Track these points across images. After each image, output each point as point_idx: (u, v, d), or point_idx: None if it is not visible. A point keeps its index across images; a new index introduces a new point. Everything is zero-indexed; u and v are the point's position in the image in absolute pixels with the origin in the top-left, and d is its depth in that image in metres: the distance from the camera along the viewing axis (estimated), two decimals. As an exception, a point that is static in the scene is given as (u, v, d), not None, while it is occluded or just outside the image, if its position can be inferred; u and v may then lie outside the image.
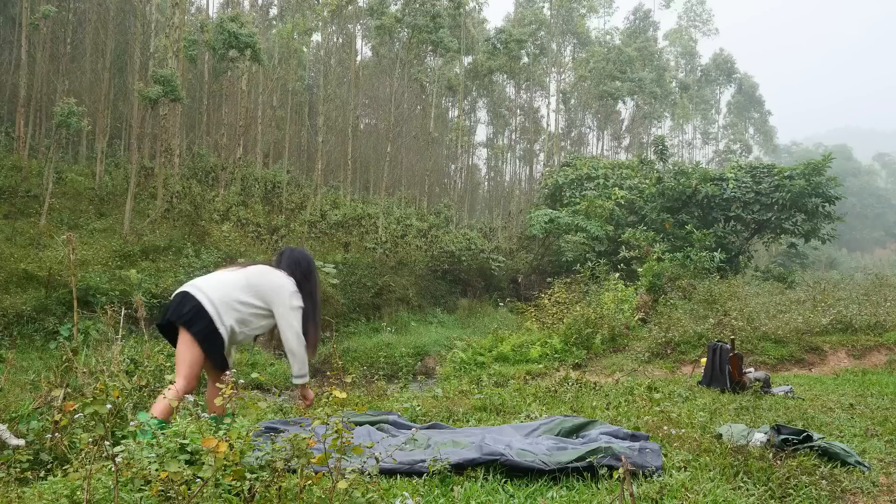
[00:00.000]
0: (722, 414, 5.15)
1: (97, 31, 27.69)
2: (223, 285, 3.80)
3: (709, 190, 20.14)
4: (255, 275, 3.92)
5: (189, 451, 2.82)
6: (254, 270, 3.94)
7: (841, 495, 3.24)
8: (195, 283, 3.80)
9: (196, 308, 3.65)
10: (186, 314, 3.64)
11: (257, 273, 3.94)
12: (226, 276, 3.90)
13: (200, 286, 3.76)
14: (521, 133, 47.60)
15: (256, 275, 3.92)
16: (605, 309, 13.27)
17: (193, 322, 3.64)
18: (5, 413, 4.50)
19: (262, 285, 3.88)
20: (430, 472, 3.24)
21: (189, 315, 3.64)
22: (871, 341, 10.22)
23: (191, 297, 3.68)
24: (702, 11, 57.03)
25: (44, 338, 12.41)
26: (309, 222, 24.98)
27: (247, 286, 3.85)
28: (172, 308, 3.71)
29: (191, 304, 3.66)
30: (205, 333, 3.67)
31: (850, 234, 60.88)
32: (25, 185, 19.75)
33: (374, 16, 32.01)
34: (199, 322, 3.64)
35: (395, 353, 16.28)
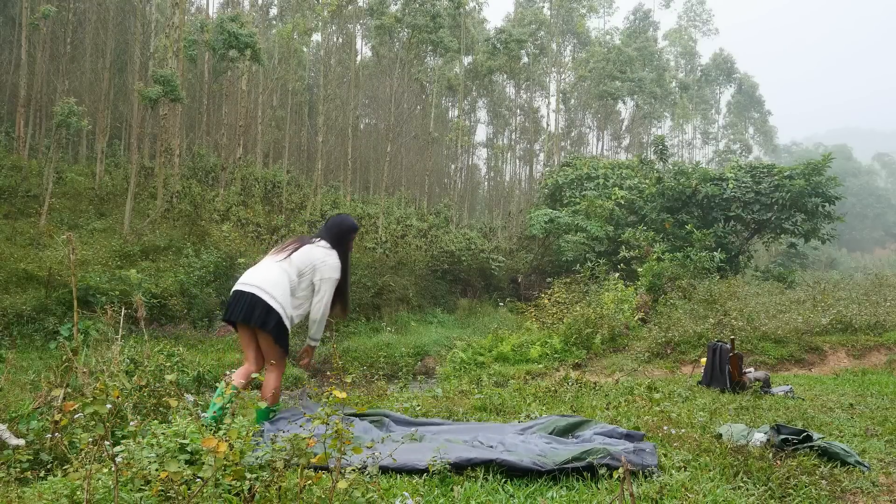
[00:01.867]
0: (722, 414, 5.15)
1: (97, 31, 27.69)
2: (281, 282, 4.17)
3: (709, 190, 20.14)
4: (301, 261, 4.28)
5: (189, 450, 2.82)
6: (298, 257, 4.29)
7: (841, 495, 3.24)
8: (259, 285, 4.14)
9: (266, 309, 4.05)
10: (259, 317, 4.05)
11: (302, 259, 4.29)
12: (279, 271, 4.22)
13: (264, 286, 4.12)
14: (521, 133, 47.60)
15: (302, 260, 4.28)
16: (604, 309, 13.27)
17: (267, 322, 4.05)
18: (5, 413, 4.50)
19: (308, 268, 4.27)
20: (429, 471, 3.24)
21: (262, 318, 4.05)
22: (871, 341, 10.22)
23: (259, 300, 4.06)
24: (702, 11, 57.05)
25: (44, 338, 12.40)
26: (309, 222, 24.97)
27: (298, 275, 4.25)
28: (242, 310, 4.08)
29: (261, 307, 4.05)
30: (278, 329, 4.09)
31: (850, 234, 60.91)
32: (25, 185, 19.75)
33: (374, 16, 32.02)
34: (270, 321, 4.05)
35: (395, 353, 16.28)
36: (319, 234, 4.51)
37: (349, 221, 4.58)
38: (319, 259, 4.29)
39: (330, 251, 4.35)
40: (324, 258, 4.30)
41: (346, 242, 4.49)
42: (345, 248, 4.48)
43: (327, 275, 4.28)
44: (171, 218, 20.26)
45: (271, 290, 4.10)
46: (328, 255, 4.33)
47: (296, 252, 4.31)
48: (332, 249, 4.37)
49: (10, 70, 26.63)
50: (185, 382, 9.24)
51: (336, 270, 4.32)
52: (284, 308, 4.11)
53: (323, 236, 4.44)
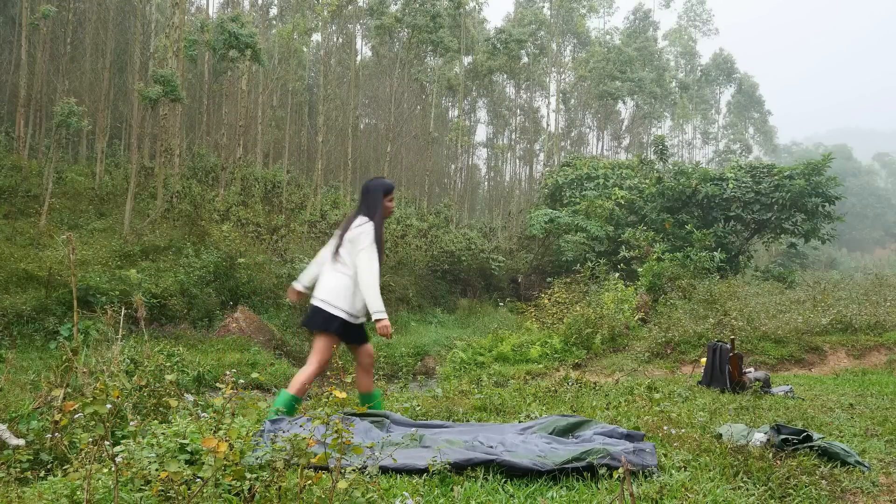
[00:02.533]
0: (722, 414, 5.15)
1: (97, 31, 27.69)
2: (338, 286, 4.35)
3: (709, 190, 20.14)
4: (348, 254, 4.39)
5: (189, 450, 2.83)
6: (344, 252, 4.41)
7: (841, 495, 3.24)
8: (322, 297, 4.36)
9: (328, 317, 4.30)
10: (323, 323, 4.31)
11: (348, 251, 4.39)
12: (335, 276, 4.39)
13: (326, 298, 4.34)
14: (521, 133, 47.60)
15: (349, 252, 4.39)
16: (605, 309, 13.27)
17: (329, 326, 4.30)
18: (5, 413, 4.51)
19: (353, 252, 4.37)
20: (430, 471, 3.24)
21: (325, 323, 4.31)
22: (871, 341, 10.21)
23: (322, 311, 4.32)
24: (702, 11, 57.08)
25: (44, 338, 12.40)
26: (309, 222, 24.97)
27: (351, 265, 4.37)
28: (319, 322, 4.34)
29: (336, 322, 4.30)
30: (342, 328, 4.32)
31: (850, 233, 60.91)
32: (25, 185, 19.75)
33: (374, 16, 32.03)
34: (333, 324, 4.29)
35: (394, 352, 16.28)
36: (358, 207, 4.52)
37: (379, 182, 4.55)
38: (357, 236, 4.34)
39: (364, 225, 4.36)
40: (359, 231, 4.34)
41: (380, 206, 4.44)
42: (381, 213, 4.44)
43: (360, 246, 4.31)
44: (171, 218, 20.26)
45: (332, 299, 4.32)
46: (361, 229, 4.35)
47: (341, 248, 4.41)
48: (368, 221, 4.36)
49: (10, 70, 26.63)
50: (185, 382, 9.25)
51: (368, 235, 4.32)
52: (347, 310, 4.30)
53: (360, 209, 4.46)
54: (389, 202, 4.49)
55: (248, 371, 11.61)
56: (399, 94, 35.23)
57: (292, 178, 31.83)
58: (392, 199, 4.52)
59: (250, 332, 15.44)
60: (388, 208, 4.50)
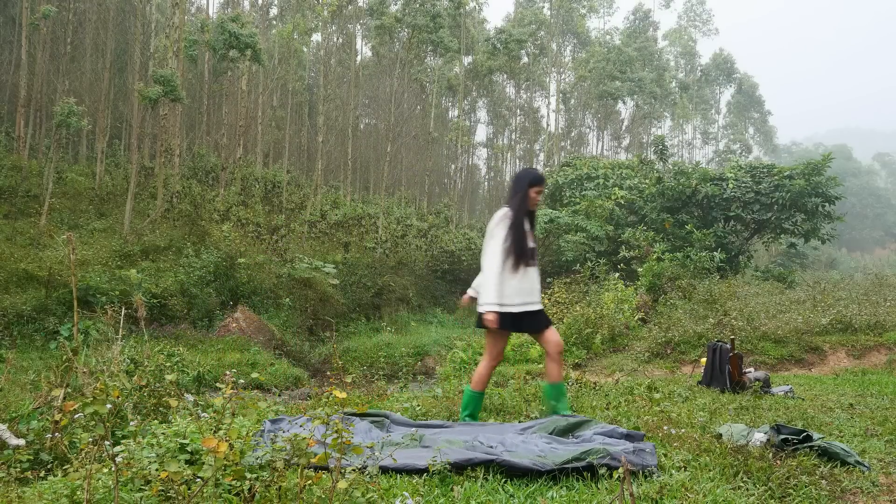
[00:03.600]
0: (722, 414, 5.14)
1: (97, 31, 27.69)
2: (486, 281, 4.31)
3: (709, 190, 20.14)
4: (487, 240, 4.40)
5: (189, 450, 2.83)
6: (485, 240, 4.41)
7: (841, 495, 3.24)
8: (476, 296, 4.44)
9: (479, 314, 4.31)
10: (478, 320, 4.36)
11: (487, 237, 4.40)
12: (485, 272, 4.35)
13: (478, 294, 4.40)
14: (521, 133, 47.61)
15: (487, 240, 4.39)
16: (604, 309, 13.27)
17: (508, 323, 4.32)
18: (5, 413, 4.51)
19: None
20: (430, 471, 3.24)
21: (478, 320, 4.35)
22: (871, 341, 10.21)
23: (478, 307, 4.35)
24: (702, 11, 57.09)
25: (44, 338, 12.41)
26: (309, 222, 24.97)
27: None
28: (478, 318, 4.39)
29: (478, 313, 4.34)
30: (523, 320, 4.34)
31: (850, 234, 60.91)
32: (25, 185, 19.75)
33: (374, 16, 32.03)
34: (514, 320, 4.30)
35: (395, 352, 16.28)
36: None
37: (525, 172, 4.48)
38: (490, 229, 4.35)
39: (499, 213, 4.35)
40: (492, 225, 4.34)
41: (522, 195, 4.38)
42: (522, 202, 4.37)
43: (490, 234, 4.30)
44: (172, 218, 20.26)
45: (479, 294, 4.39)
46: (496, 218, 4.35)
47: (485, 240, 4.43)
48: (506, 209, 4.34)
49: (10, 70, 26.63)
50: (185, 382, 9.25)
51: (498, 222, 4.31)
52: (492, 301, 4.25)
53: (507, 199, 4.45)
54: (535, 193, 4.40)
55: (248, 371, 11.61)
56: (399, 94, 35.23)
57: (292, 178, 31.84)
58: (539, 191, 4.41)
59: (250, 332, 15.45)
60: (532, 199, 4.41)
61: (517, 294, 4.29)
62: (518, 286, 4.28)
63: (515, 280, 4.28)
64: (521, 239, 4.31)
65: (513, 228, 4.29)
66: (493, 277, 4.24)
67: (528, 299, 4.32)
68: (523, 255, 4.29)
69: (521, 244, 4.30)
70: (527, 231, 4.36)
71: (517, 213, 4.34)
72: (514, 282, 4.27)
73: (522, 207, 4.37)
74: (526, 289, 4.31)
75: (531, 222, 4.47)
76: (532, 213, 4.47)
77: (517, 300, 4.29)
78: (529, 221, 4.44)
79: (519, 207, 4.36)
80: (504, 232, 4.29)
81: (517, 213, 4.34)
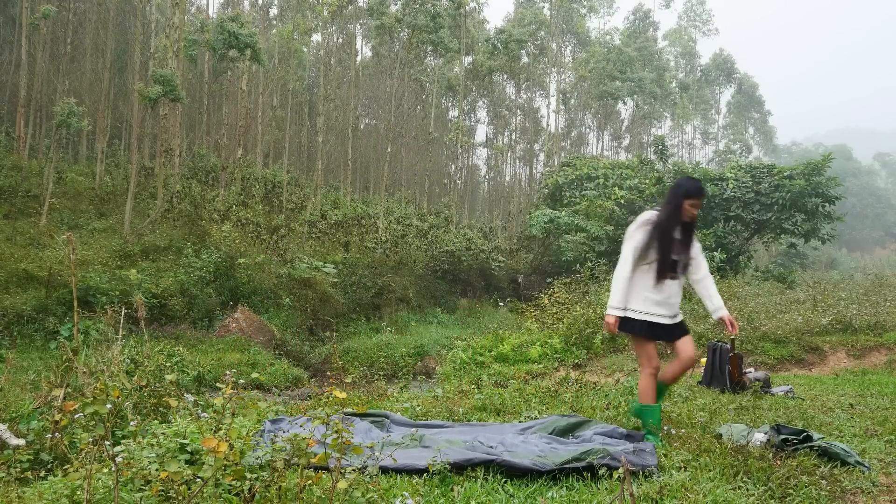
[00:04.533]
0: (722, 414, 5.14)
1: (97, 31, 27.69)
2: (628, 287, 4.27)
3: (709, 190, 20.15)
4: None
5: (189, 450, 2.83)
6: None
7: (841, 495, 3.24)
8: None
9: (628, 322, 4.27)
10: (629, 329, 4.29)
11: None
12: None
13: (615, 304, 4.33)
14: (521, 133, 47.60)
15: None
16: (605, 309, 13.25)
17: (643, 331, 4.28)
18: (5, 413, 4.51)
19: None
20: (430, 471, 3.24)
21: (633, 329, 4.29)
22: (871, 341, 10.21)
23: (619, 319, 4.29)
24: (702, 11, 57.08)
25: (44, 338, 12.41)
26: (309, 222, 24.97)
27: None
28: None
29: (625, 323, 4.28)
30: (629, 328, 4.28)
31: (850, 234, 60.89)
32: (25, 185, 19.75)
33: (374, 16, 32.03)
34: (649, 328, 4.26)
35: (395, 353, 16.27)
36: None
37: (685, 181, 4.23)
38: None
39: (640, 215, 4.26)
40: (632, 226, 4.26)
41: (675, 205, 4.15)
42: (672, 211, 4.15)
43: (630, 234, 4.23)
44: (172, 218, 20.26)
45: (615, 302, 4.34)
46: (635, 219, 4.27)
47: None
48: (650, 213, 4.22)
49: (10, 70, 26.63)
50: (185, 382, 9.24)
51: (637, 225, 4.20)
52: (620, 306, 4.25)
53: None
54: (690, 206, 4.14)
55: (248, 371, 11.61)
56: (399, 94, 35.23)
57: (292, 178, 31.84)
58: (694, 204, 4.14)
59: (250, 332, 15.45)
60: (686, 211, 4.16)
61: (651, 304, 4.17)
62: (652, 296, 4.16)
63: (651, 289, 4.16)
64: (666, 250, 4.13)
65: (658, 237, 4.12)
66: (618, 282, 4.19)
67: (660, 311, 4.18)
68: (664, 266, 4.13)
69: (664, 255, 4.13)
70: (675, 241, 4.16)
71: (666, 221, 4.15)
72: (648, 292, 4.17)
73: (673, 217, 4.16)
74: (660, 300, 4.17)
75: (685, 234, 4.21)
76: (687, 224, 4.21)
77: (648, 309, 4.18)
78: (683, 233, 4.20)
79: (669, 216, 4.16)
80: (643, 237, 4.15)
81: (666, 221, 4.15)
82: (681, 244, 4.18)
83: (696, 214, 4.26)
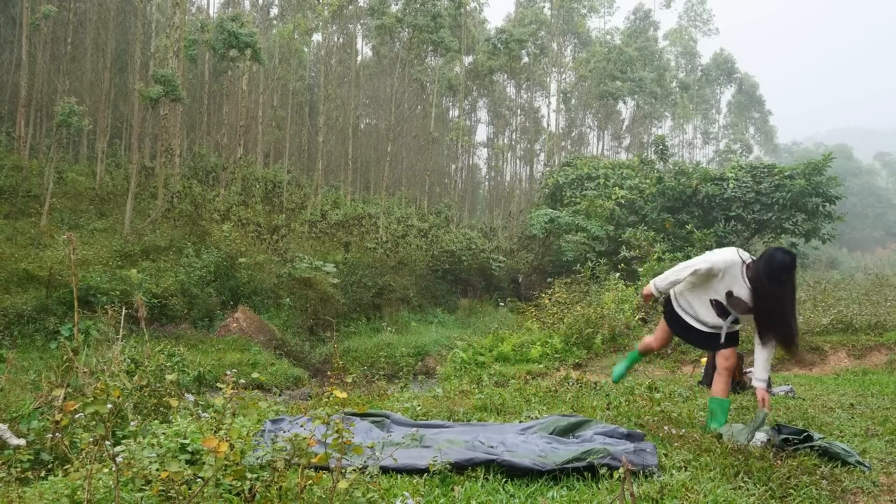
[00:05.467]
0: (722, 414, 5.14)
1: (98, 31, 27.69)
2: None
3: (709, 190, 20.13)
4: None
5: (190, 450, 2.83)
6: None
7: (841, 495, 3.24)
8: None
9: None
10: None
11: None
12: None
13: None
14: (521, 133, 47.58)
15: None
16: (605, 309, 13.25)
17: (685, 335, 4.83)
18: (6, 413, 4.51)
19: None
20: (430, 471, 3.24)
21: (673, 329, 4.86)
22: (872, 341, 10.20)
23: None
24: (702, 11, 57.03)
25: (44, 338, 12.41)
26: (309, 222, 24.98)
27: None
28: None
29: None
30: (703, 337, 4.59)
31: (851, 233, 60.83)
32: (26, 185, 19.76)
33: (375, 16, 32.04)
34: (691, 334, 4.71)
35: (395, 352, 16.28)
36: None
37: (778, 259, 4.07)
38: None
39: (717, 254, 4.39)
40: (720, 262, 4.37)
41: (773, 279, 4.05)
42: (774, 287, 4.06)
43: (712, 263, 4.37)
44: (172, 218, 20.27)
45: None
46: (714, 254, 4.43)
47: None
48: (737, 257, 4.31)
49: (10, 70, 26.64)
50: (186, 382, 9.25)
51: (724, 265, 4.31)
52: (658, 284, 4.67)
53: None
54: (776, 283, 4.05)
55: (248, 371, 11.62)
56: (399, 94, 35.23)
57: (293, 178, 31.84)
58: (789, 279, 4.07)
59: (251, 332, 15.46)
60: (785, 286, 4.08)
61: (695, 307, 4.46)
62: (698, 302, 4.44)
63: (698, 298, 4.43)
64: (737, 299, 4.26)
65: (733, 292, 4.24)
66: (671, 271, 4.56)
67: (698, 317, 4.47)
68: (722, 311, 4.36)
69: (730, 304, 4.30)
70: (733, 294, 4.28)
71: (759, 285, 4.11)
72: (695, 299, 4.46)
73: (764, 285, 4.09)
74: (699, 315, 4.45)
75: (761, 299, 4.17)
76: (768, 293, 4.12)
77: (689, 310, 4.49)
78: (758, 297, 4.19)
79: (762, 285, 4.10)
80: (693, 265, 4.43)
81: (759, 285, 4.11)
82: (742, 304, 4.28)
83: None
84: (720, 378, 4.41)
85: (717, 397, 4.42)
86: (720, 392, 4.41)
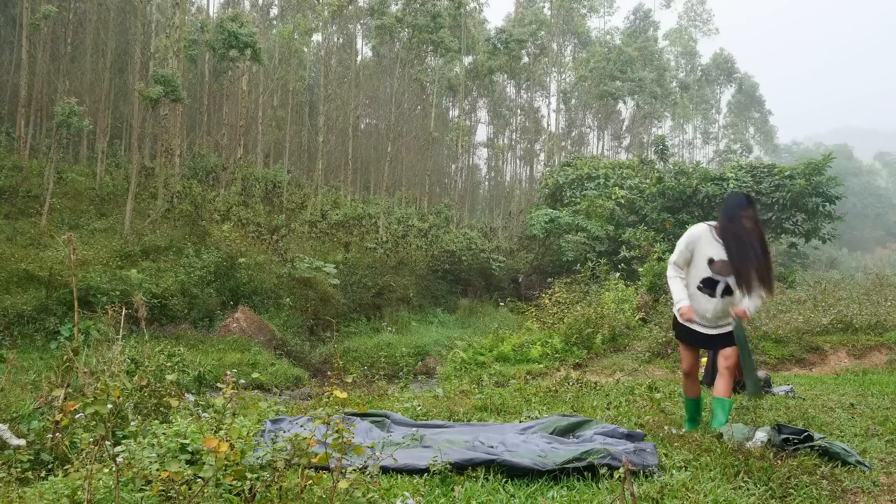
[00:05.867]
0: (722, 414, 5.14)
1: (98, 31, 27.69)
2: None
3: (709, 190, 20.13)
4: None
5: (190, 450, 2.83)
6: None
7: (841, 495, 3.24)
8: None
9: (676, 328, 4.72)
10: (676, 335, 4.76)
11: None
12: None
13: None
14: (521, 133, 47.58)
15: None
16: (605, 309, 13.26)
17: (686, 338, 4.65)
18: (6, 413, 4.51)
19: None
20: (430, 471, 3.24)
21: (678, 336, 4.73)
22: (872, 341, 10.20)
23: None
24: (702, 11, 57.05)
25: (45, 338, 12.41)
26: (309, 222, 24.98)
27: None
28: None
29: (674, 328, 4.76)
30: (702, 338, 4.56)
31: (851, 233, 60.79)
32: (26, 185, 19.75)
33: (375, 16, 32.03)
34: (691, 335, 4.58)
35: (395, 352, 16.27)
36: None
37: (730, 198, 4.44)
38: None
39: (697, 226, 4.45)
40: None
41: (733, 219, 4.26)
42: (733, 224, 4.25)
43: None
44: (172, 218, 20.27)
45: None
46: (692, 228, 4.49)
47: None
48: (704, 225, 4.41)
49: (10, 70, 26.63)
50: (186, 382, 9.24)
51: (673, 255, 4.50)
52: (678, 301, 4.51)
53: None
54: (744, 217, 4.23)
55: (248, 371, 11.62)
56: (399, 94, 35.23)
57: (293, 178, 31.84)
58: (747, 217, 4.22)
59: (251, 332, 15.45)
60: (742, 223, 4.23)
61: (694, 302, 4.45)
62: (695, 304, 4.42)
63: (693, 286, 4.43)
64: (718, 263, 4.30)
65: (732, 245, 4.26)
66: (670, 280, 4.53)
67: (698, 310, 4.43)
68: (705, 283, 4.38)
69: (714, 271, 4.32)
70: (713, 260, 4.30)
71: (725, 229, 4.28)
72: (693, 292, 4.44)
73: (728, 230, 4.26)
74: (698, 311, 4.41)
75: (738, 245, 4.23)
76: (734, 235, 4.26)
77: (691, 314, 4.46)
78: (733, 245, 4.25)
79: (727, 229, 4.28)
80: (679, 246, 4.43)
81: (725, 229, 4.28)
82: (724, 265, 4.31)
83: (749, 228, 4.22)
84: (722, 378, 4.44)
85: (719, 397, 4.44)
86: (722, 392, 4.43)
